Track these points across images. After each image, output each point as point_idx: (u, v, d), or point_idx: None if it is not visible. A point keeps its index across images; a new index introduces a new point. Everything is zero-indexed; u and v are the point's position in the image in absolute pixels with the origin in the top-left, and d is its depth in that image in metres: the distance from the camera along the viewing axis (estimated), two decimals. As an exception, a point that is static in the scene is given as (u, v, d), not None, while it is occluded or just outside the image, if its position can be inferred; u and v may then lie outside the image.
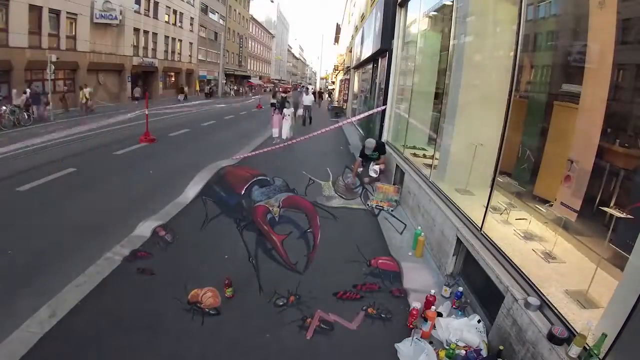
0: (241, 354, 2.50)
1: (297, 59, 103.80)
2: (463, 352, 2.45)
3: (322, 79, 51.26)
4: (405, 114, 7.01)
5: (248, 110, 22.14)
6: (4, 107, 12.20)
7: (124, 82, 23.26)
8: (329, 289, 3.23)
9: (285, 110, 10.59)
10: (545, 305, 2.26)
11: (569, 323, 2.07)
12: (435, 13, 6.27)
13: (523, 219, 3.43)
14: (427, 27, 6.54)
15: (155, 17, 26.84)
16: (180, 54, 31.52)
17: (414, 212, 5.01)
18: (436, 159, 4.98)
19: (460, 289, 3.14)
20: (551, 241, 2.98)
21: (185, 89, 30.27)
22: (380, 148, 6.19)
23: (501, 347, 2.39)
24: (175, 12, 29.74)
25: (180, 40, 31.26)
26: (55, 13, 17.61)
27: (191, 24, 32.84)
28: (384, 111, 8.27)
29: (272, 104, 12.08)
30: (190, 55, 33.44)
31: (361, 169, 6.22)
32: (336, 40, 40.63)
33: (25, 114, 12.92)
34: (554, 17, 3.79)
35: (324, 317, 2.87)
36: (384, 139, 8.17)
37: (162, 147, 9.40)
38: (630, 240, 1.99)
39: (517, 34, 3.08)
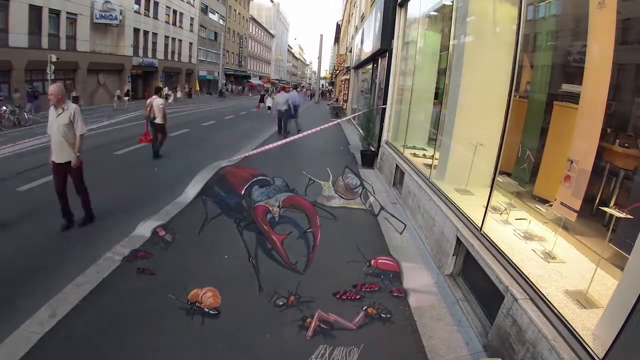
0: (241, 354, 2.50)
1: (297, 59, 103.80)
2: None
3: (322, 78, 51.33)
4: (405, 114, 7.01)
5: (248, 110, 22.14)
6: (4, 107, 12.20)
7: (124, 82, 23.28)
8: (329, 289, 3.23)
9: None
10: (545, 305, 2.26)
11: (568, 323, 2.07)
12: (435, 13, 6.28)
13: (523, 219, 3.43)
14: (427, 27, 6.55)
15: (155, 17, 26.86)
16: (180, 54, 31.52)
17: (413, 212, 5.01)
18: (436, 159, 4.98)
19: None
20: (551, 241, 2.98)
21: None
22: None
23: None
24: (175, 12, 29.77)
25: (180, 40, 31.28)
26: (55, 13, 17.64)
27: (191, 24, 32.85)
28: (383, 111, 8.27)
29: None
30: (190, 55, 33.44)
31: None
32: (336, 40, 40.65)
33: (25, 113, 12.92)
34: (554, 17, 3.79)
35: (324, 317, 2.87)
36: (383, 139, 8.17)
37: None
38: (630, 240, 1.99)
39: (517, 34, 3.08)
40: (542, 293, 2.33)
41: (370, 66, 12.77)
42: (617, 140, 2.86)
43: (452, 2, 5.04)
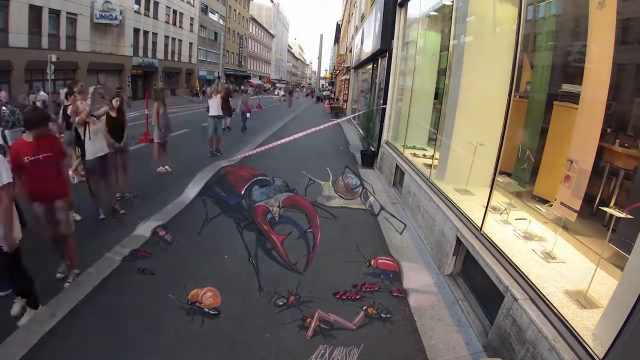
0: (241, 354, 2.51)
1: (297, 59, 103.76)
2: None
3: (322, 78, 51.36)
4: (405, 114, 7.02)
5: (248, 110, 22.05)
6: (4, 108, 12.20)
7: (124, 82, 23.27)
8: (329, 289, 3.23)
9: None
10: (545, 305, 2.26)
11: (568, 323, 2.07)
12: (435, 13, 6.28)
13: (523, 219, 3.43)
14: (427, 27, 6.55)
15: (155, 17, 26.85)
16: (180, 54, 31.51)
17: (414, 212, 5.01)
18: (436, 159, 4.98)
19: None
20: (551, 241, 2.98)
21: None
22: None
23: None
24: (175, 12, 29.76)
25: (180, 40, 31.27)
26: (55, 13, 17.64)
27: (191, 24, 32.84)
28: (383, 111, 8.27)
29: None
30: (190, 55, 33.44)
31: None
32: (336, 40, 40.67)
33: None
34: (554, 17, 3.79)
35: (324, 317, 2.87)
36: (383, 139, 8.17)
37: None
38: (630, 240, 1.99)
39: (517, 34, 3.08)
40: (542, 293, 2.33)
41: (370, 66, 12.77)
42: (617, 140, 2.86)
43: (452, 2, 5.04)
